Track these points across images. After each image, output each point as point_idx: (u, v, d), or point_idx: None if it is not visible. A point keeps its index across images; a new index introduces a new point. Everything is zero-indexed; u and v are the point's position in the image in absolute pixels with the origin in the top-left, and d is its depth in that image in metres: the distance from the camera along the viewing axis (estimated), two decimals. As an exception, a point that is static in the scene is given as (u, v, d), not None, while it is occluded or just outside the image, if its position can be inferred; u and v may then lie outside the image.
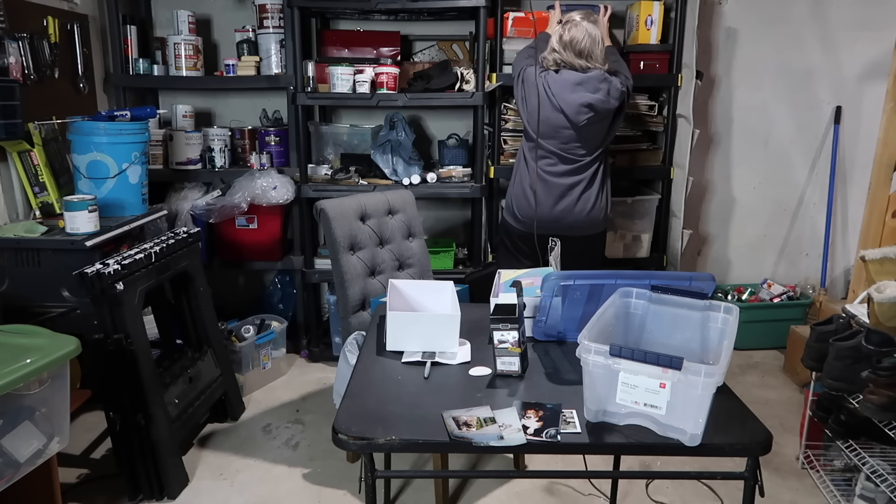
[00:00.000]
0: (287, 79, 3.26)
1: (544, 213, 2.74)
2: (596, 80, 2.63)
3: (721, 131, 3.83)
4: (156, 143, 3.30)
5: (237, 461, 2.66)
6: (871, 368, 2.05)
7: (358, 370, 1.69)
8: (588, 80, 2.63)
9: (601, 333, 1.45)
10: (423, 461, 2.64)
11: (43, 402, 1.90)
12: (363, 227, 2.59)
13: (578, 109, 2.63)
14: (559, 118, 2.66)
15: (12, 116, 2.54)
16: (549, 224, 2.73)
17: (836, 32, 3.66)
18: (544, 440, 1.37)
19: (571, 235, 2.70)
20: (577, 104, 2.62)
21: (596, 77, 2.63)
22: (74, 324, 2.37)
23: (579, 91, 2.62)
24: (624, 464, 2.44)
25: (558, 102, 2.64)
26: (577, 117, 2.64)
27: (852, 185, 3.85)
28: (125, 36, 3.28)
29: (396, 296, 1.95)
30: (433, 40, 3.64)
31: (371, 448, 1.38)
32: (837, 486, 2.45)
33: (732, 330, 1.45)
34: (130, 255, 2.39)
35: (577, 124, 2.65)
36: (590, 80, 2.63)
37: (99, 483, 2.50)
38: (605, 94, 2.63)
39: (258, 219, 3.37)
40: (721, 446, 1.38)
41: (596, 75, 2.64)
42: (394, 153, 3.30)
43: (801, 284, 3.95)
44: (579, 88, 2.62)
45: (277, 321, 3.40)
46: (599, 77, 2.64)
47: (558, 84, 2.65)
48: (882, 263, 2.78)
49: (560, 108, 2.64)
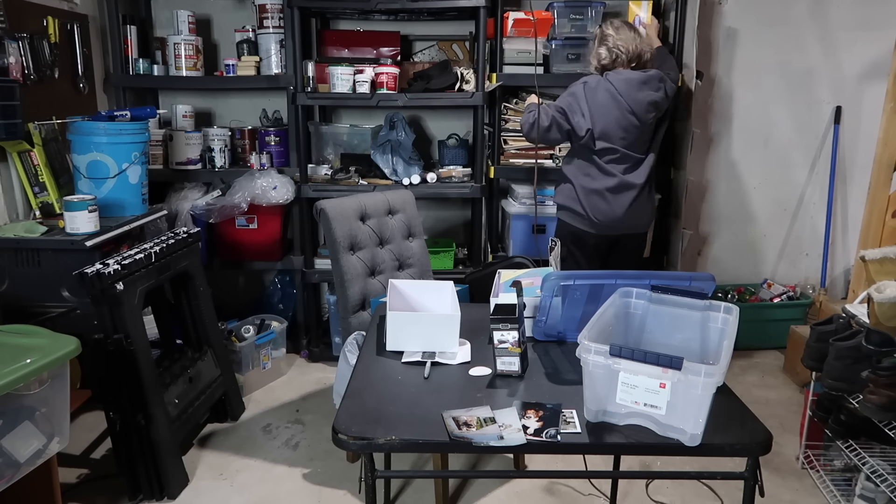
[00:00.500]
0: (287, 79, 3.26)
1: (617, 214, 2.75)
2: (657, 79, 2.69)
3: (721, 131, 3.83)
4: (156, 143, 3.30)
5: (237, 461, 2.66)
6: (871, 368, 2.05)
7: (358, 370, 1.69)
8: (650, 79, 2.68)
9: (601, 333, 1.45)
10: (423, 461, 2.64)
11: (43, 402, 1.90)
12: (363, 227, 2.59)
13: (647, 108, 2.67)
14: (628, 118, 2.66)
15: (12, 116, 2.54)
16: (618, 224, 2.76)
17: (836, 32, 3.66)
18: (544, 440, 1.37)
19: (630, 234, 2.83)
20: (645, 102, 2.66)
21: (656, 76, 2.69)
22: (74, 324, 2.37)
23: (645, 90, 2.66)
24: (624, 464, 2.44)
25: (627, 102, 2.65)
26: (646, 116, 2.68)
27: (852, 185, 3.85)
28: (125, 36, 3.28)
29: (396, 296, 1.95)
30: (433, 40, 3.64)
31: (371, 448, 1.38)
32: (837, 486, 2.45)
33: (732, 330, 1.45)
34: (130, 255, 2.39)
35: (644, 123, 2.69)
36: (652, 80, 2.68)
37: (99, 483, 2.50)
38: (665, 92, 2.71)
39: (258, 219, 3.37)
40: (721, 446, 1.37)
41: (656, 74, 2.70)
42: (394, 153, 3.30)
43: (801, 284, 3.95)
44: (645, 87, 2.66)
45: (277, 321, 3.40)
46: (658, 76, 2.70)
47: (624, 84, 2.65)
48: (882, 263, 2.78)
49: (629, 107, 2.65)
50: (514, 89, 3.37)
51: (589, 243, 2.82)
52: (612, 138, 2.69)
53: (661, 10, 3.53)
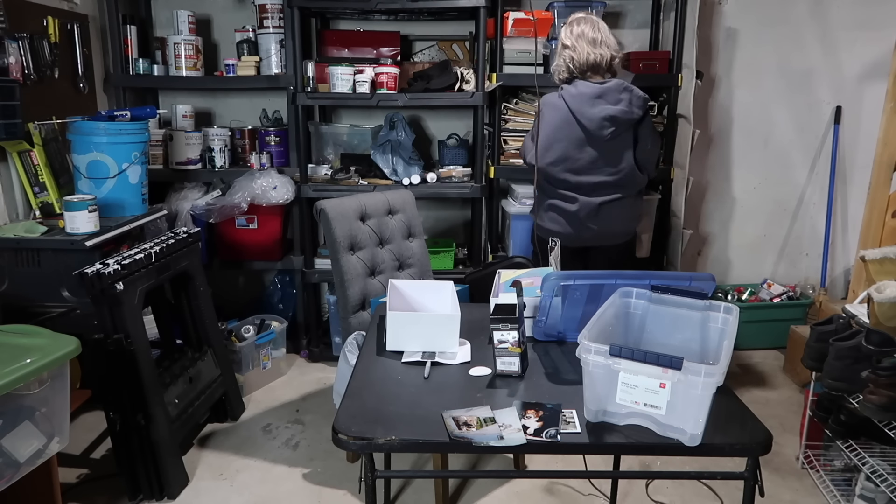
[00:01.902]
0: (287, 79, 3.26)
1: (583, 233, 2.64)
2: (616, 90, 2.46)
3: (721, 131, 3.83)
4: (156, 143, 3.30)
5: (237, 461, 2.66)
6: (871, 368, 2.05)
7: (358, 370, 1.69)
8: (608, 92, 2.45)
9: (601, 333, 1.45)
10: (423, 461, 2.64)
11: (43, 402, 1.90)
12: (363, 227, 2.59)
13: (601, 124, 2.45)
14: (581, 137, 2.49)
15: (12, 116, 2.54)
16: (588, 238, 2.65)
17: (836, 32, 3.66)
18: (544, 440, 1.37)
19: (605, 245, 2.68)
20: (598, 118, 2.44)
21: (616, 87, 2.46)
22: (74, 324, 2.37)
23: (600, 104, 2.45)
24: (624, 464, 2.44)
25: (578, 119, 2.47)
26: (601, 132, 2.46)
27: (852, 185, 3.85)
28: (125, 36, 3.28)
29: (396, 296, 1.95)
30: (433, 40, 3.64)
31: (371, 448, 1.38)
32: (837, 486, 2.45)
33: (732, 330, 1.45)
34: (130, 255, 2.39)
35: (601, 139, 2.49)
36: (609, 92, 2.45)
37: (99, 483, 2.50)
38: (628, 103, 2.47)
39: (258, 219, 3.37)
40: (721, 446, 1.37)
41: (615, 85, 2.46)
42: (394, 153, 3.30)
43: (801, 284, 3.95)
44: (600, 101, 2.45)
45: (277, 321, 3.40)
46: (619, 87, 2.46)
47: (576, 100, 2.47)
48: (882, 263, 2.78)
49: (582, 125, 2.47)
50: (514, 89, 3.37)
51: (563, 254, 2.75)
52: (568, 161, 2.53)
53: (660, 9, 3.53)
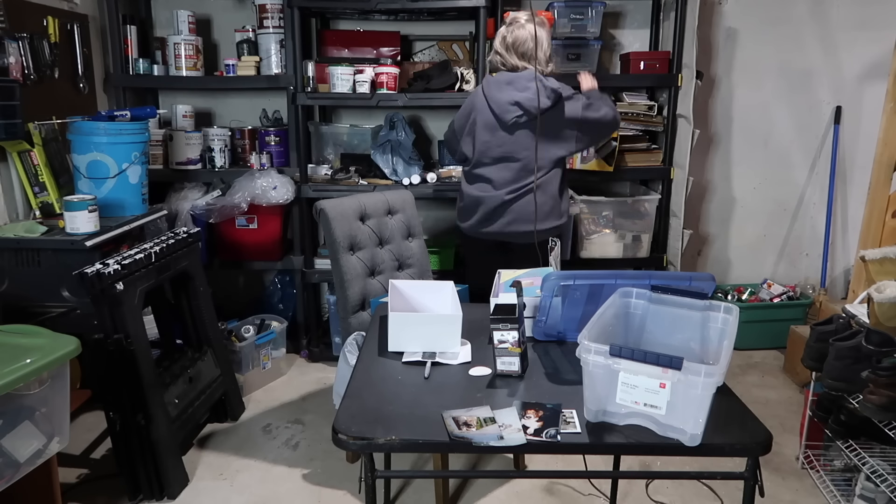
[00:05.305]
0: (287, 79, 3.26)
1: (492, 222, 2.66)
2: (525, 78, 2.52)
3: (721, 131, 3.83)
4: (156, 143, 3.30)
5: (237, 461, 2.66)
6: (871, 368, 2.05)
7: (358, 370, 1.69)
8: (517, 79, 2.54)
9: (601, 333, 1.45)
10: (423, 461, 2.64)
11: (43, 402, 1.90)
12: (363, 228, 2.59)
13: (506, 108, 2.54)
14: (493, 122, 2.59)
15: (12, 116, 2.54)
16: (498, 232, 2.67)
17: (836, 32, 3.66)
18: (544, 440, 1.37)
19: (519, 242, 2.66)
20: (504, 102, 2.54)
21: (526, 76, 2.53)
22: (74, 324, 2.37)
23: (508, 90, 2.54)
24: (624, 464, 2.44)
25: (490, 104, 2.58)
26: (506, 116, 2.55)
27: (852, 185, 3.85)
28: (125, 36, 3.28)
29: (397, 296, 1.95)
30: (433, 40, 3.64)
31: (371, 448, 1.38)
32: (837, 486, 2.45)
33: (732, 330, 1.45)
34: (130, 255, 2.39)
35: (506, 123, 2.56)
36: (519, 79, 2.53)
37: (99, 483, 2.50)
38: (534, 92, 2.49)
39: (258, 219, 3.37)
40: (721, 446, 1.37)
41: (526, 74, 2.53)
42: (394, 153, 3.30)
43: (801, 284, 3.95)
44: (508, 87, 2.54)
45: (277, 321, 3.40)
46: (529, 76, 2.52)
47: (491, 86, 2.59)
48: (882, 263, 2.78)
49: (492, 110, 2.58)
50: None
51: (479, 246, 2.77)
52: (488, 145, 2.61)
53: (660, 9, 3.53)
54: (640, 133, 3.43)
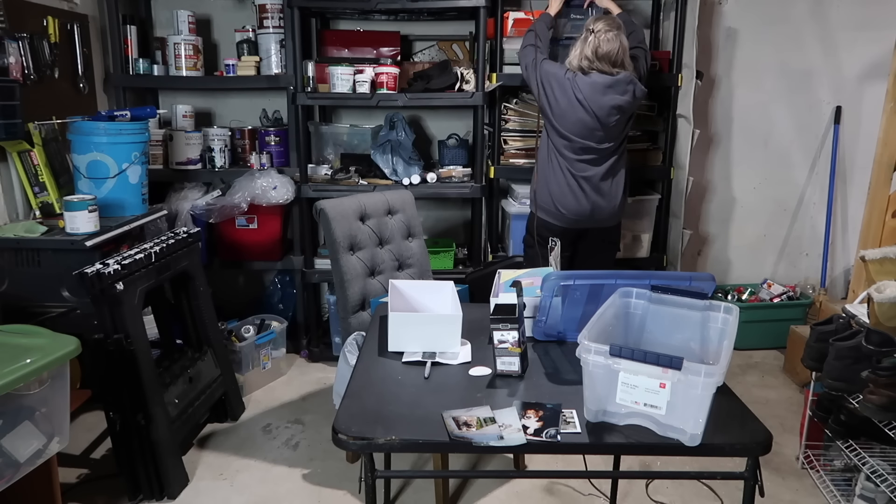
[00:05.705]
0: (287, 79, 3.26)
1: (584, 208, 2.83)
2: (624, 82, 2.71)
3: (721, 131, 3.83)
4: (156, 143, 3.30)
5: (237, 461, 2.66)
6: (871, 368, 2.05)
7: (358, 370, 1.69)
8: (617, 83, 2.70)
9: (601, 333, 1.45)
10: (423, 461, 2.64)
11: (43, 402, 1.90)
12: (363, 228, 2.59)
13: (609, 112, 2.71)
14: (591, 121, 2.72)
15: (12, 116, 2.54)
16: (586, 218, 2.85)
17: (836, 32, 3.66)
18: (544, 440, 1.37)
19: (598, 227, 2.90)
20: (608, 107, 2.70)
21: (624, 79, 2.71)
22: (74, 324, 2.37)
23: (610, 94, 2.70)
24: (624, 464, 2.44)
25: (590, 105, 2.70)
26: (608, 119, 2.73)
27: (852, 185, 3.85)
28: (125, 36, 3.28)
29: (397, 296, 1.95)
30: (433, 40, 3.64)
31: (371, 448, 1.38)
32: (837, 486, 2.45)
33: (732, 330, 1.45)
34: (130, 255, 2.39)
35: (607, 126, 2.74)
36: (619, 83, 2.71)
37: (99, 483, 2.50)
38: (632, 95, 2.74)
39: (258, 219, 3.37)
40: (721, 446, 1.38)
41: (624, 77, 2.71)
42: (394, 153, 3.30)
43: (801, 284, 3.95)
44: (610, 91, 2.70)
45: (277, 321, 3.40)
46: (627, 79, 2.72)
47: (589, 87, 2.70)
48: (882, 263, 2.78)
49: (592, 112, 2.71)
50: (514, 89, 3.37)
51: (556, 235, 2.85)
52: (577, 135, 2.76)
53: (660, 9, 3.53)
54: (640, 133, 3.43)
